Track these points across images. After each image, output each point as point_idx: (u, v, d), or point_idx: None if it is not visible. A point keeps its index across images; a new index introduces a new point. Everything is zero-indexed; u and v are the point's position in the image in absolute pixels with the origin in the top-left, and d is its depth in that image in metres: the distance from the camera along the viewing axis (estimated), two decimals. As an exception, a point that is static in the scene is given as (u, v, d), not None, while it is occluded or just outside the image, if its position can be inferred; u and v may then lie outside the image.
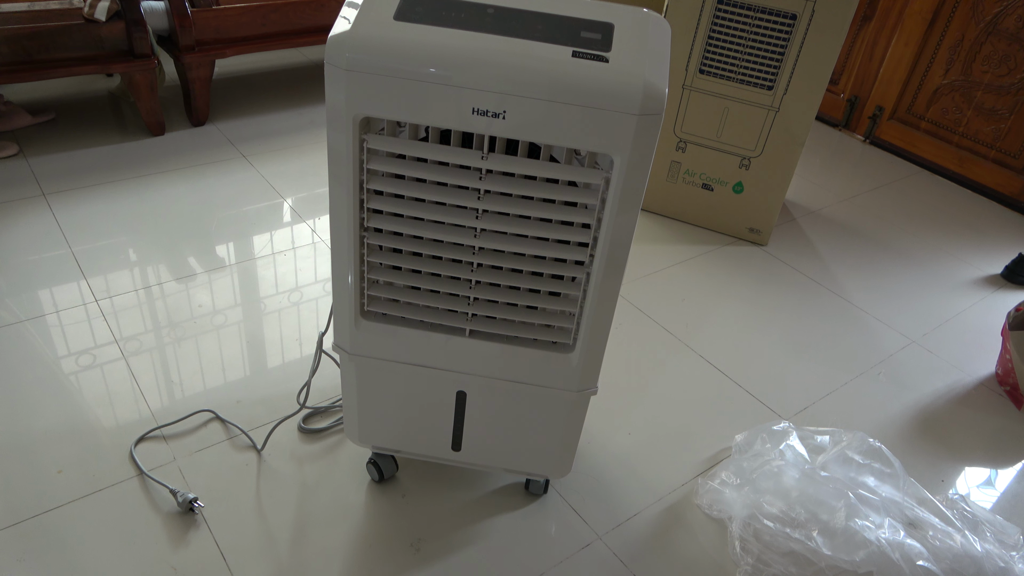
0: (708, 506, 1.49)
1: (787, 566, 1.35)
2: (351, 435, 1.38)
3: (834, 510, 1.38)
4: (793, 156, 2.24)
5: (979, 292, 2.32)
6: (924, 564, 1.32)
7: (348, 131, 0.98)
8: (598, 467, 1.57)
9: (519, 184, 1.03)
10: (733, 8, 2.07)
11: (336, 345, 1.23)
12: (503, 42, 0.94)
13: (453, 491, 1.48)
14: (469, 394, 1.26)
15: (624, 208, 1.01)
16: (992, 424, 1.82)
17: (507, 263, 1.10)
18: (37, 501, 1.38)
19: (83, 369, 1.66)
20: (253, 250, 2.10)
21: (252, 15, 2.60)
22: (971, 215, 2.77)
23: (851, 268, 2.35)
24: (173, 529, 1.35)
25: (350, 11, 0.96)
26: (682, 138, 2.33)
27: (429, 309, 1.17)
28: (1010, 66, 2.71)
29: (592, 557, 1.40)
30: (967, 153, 2.91)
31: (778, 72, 2.12)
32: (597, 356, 1.18)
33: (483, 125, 0.96)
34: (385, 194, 1.07)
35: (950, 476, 1.67)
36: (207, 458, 1.50)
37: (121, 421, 1.55)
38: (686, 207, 2.45)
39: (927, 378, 1.94)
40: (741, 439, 1.60)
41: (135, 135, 2.57)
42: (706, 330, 2.00)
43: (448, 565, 1.35)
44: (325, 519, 1.40)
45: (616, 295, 1.10)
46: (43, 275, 1.91)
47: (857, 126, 3.24)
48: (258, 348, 1.78)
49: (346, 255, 1.10)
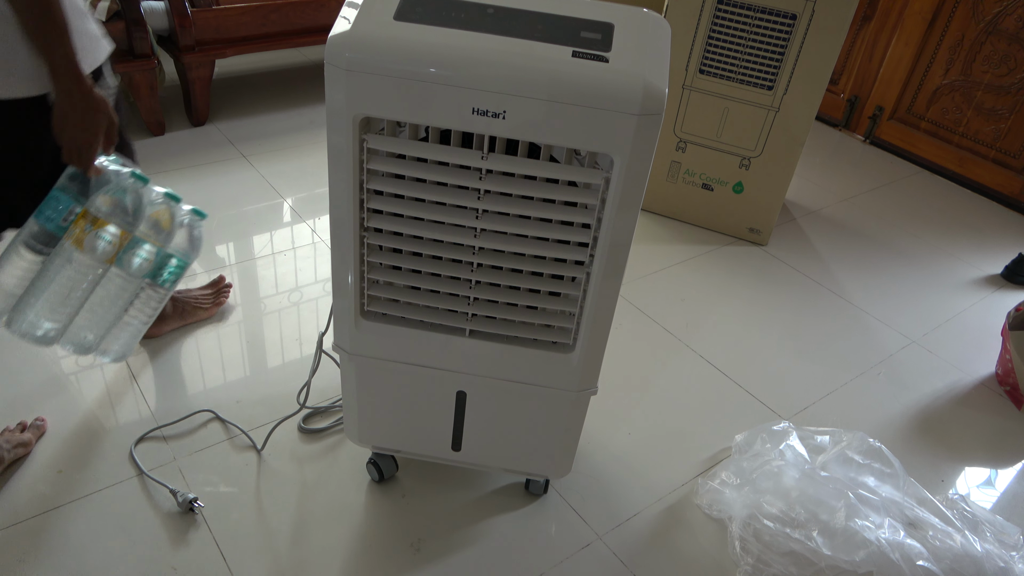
0: (708, 506, 1.49)
1: (787, 566, 1.35)
2: (351, 435, 1.38)
3: (834, 510, 1.38)
4: (793, 156, 2.24)
5: (979, 292, 2.32)
6: (924, 564, 1.32)
7: (348, 131, 0.98)
8: (598, 467, 1.57)
9: (519, 184, 1.03)
10: (733, 8, 2.07)
11: (336, 345, 1.23)
12: (503, 42, 0.94)
13: (453, 491, 1.48)
14: (469, 394, 1.26)
15: (624, 208, 1.01)
16: (992, 424, 1.82)
17: (507, 263, 1.10)
18: (37, 501, 1.38)
19: (83, 369, 1.66)
20: (253, 250, 2.10)
21: (252, 15, 2.60)
22: (971, 215, 2.77)
23: (851, 268, 2.35)
24: (173, 529, 1.35)
25: (350, 11, 0.96)
26: (682, 138, 2.33)
27: (429, 309, 1.17)
28: (1010, 66, 2.71)
29: (592, 557, 1.40)
30: (967, 153, 2.91)
31: (778, 72, 2.12)
32: (597, 356, 1.18)
33: (483, 125, 0.96)
34: (385, 194, 1.07)
35: (950, 476, 1.67)
36: (207, 458, 1.50)
37: (121, 421, 1.55)
38: (686, 207, 2.45)
39: (927, 378, 1.94)
40: (741, 439, 1.60)
41: (135, 135, 2.57)
42: (706, 330, 2.00)
43: (448, 565, 1.35)
44: (325, 519, 1.40)
45: (616, 295, 1.10)
46: (43, 275, 1.91)
47: (857, 126, 3.24)
48: (258, 348, 1.78)
49: (346, 255, 1.10)
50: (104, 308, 1.30)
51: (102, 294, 1.28)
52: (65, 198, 1.22)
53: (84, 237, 1.21)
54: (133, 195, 1.25)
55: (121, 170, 1.27)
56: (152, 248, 1.29)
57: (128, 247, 1.26)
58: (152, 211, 1.28)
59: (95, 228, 1.22)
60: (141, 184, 1.26)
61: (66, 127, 1.16)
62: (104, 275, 1.26)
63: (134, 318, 1.35)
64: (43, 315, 1.25)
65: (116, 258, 1.25)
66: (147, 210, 1.27)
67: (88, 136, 1.17)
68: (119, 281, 1.28)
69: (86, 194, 1.23)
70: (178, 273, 1.36)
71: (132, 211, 1.25)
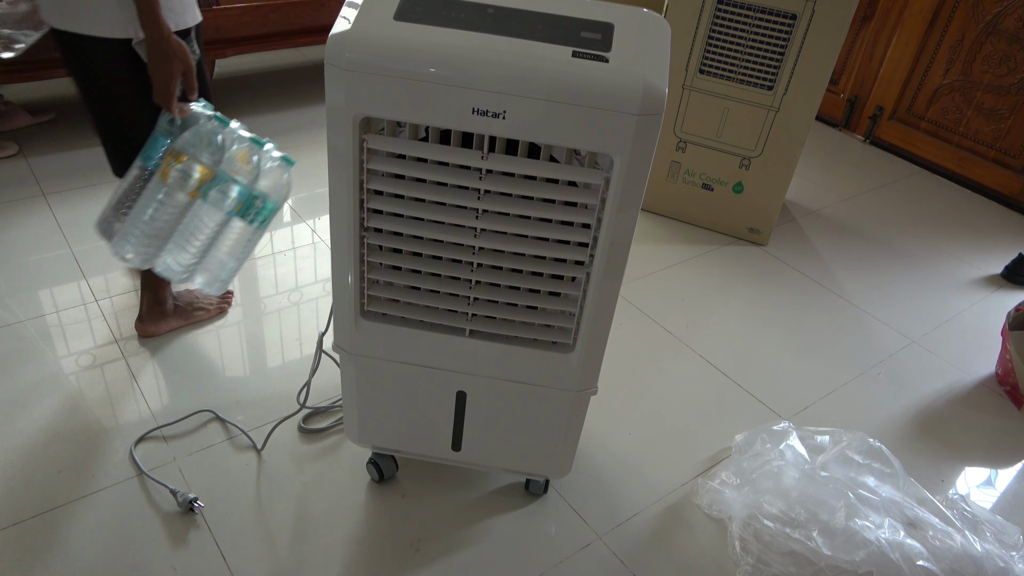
0: (708, 506, 1.49)
1: (787, 566, 1.35)
2: (351, 435, 1.38)
3: (834, 510, 1.38)
4: (793, 156, 2.24)
5: (979, 292, 2.32)
6: (924, 564, 1.33)
7: (348, 131, 0.98)
8: (598, 467, 1.57)
9: (519, 184, 1.03)
10: (733, 8, 2.07)
11: (336, 345, 1.23)
12: (503, 42, 0.94)
13: (453, 491, 1.48)
14: (469, 394, 1.26)
15: (624, 208, 1.01)
16: (992, 424, 1.82)
17: (507, 263, 1.10)
18: (37, 501, 1.38)
19: (83, 369, 1.66)
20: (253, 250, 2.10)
21: (252, 15, 2.60)
22: (971, 215, 2.77)
23: (851, 268, 2.35)
24: (173, 529, 1.35)
25: (350, 11, 0.96)
26: (682, 138, 2.33)
27: (429, 309, 1.17)
28: (1010, 66, 2.71)
29: (592, 557, 1.40)
30: (967, 153, 2.91)
31: (778, 72, 2.12)
32: (597, 356, 1.18)
33: (483, 125, 0.96)
34: (385, 194, 1.07)
35: (950, 476, 1.67)
36: (207, 458, 1.50)
37: (121, 421, 1.55)
38: (686, 207, 2.45)
39: (927, 378, 1.94)
40: (741, 439, 1.60)
41: (135, 135, 2.57)
42: (706, 330, 2.00)
43: (448, 565, 1.35)
44: (325, 519, 1.40)
45: (616, 295, 1.10)
46: (43, 275, 1.91)
47: (857, 126, 3.24)
48: (258, 348, 1.78)
49: (346, 255, 1.10)
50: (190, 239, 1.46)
51: (188, 225, 1.45)
52: (161, 138, 1.42)
53: (168, 171, 1.41)
54: (211, 134, 1.42)
55: (205, 113, 1.45)
56: (235, 186, 1.43)
57: (212, 183, 1.42)
58: (234, 151, 1.44)
59: (177, 163, 1.41)
60: (221, 126, 1.44)
61: (152, 69, 1.38)
62: (189, 208, 1.43)
63: (226, 254, 1.51)
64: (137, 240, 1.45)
65: (201, 193, 1.42)
66: (228, 150, 1.43)
67: (167, 77, 1.38)
68: (202, 214, 1.44)
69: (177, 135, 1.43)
70: (266, 215, 1.48)
71: (211, 149, 1.42)
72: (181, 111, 1.42)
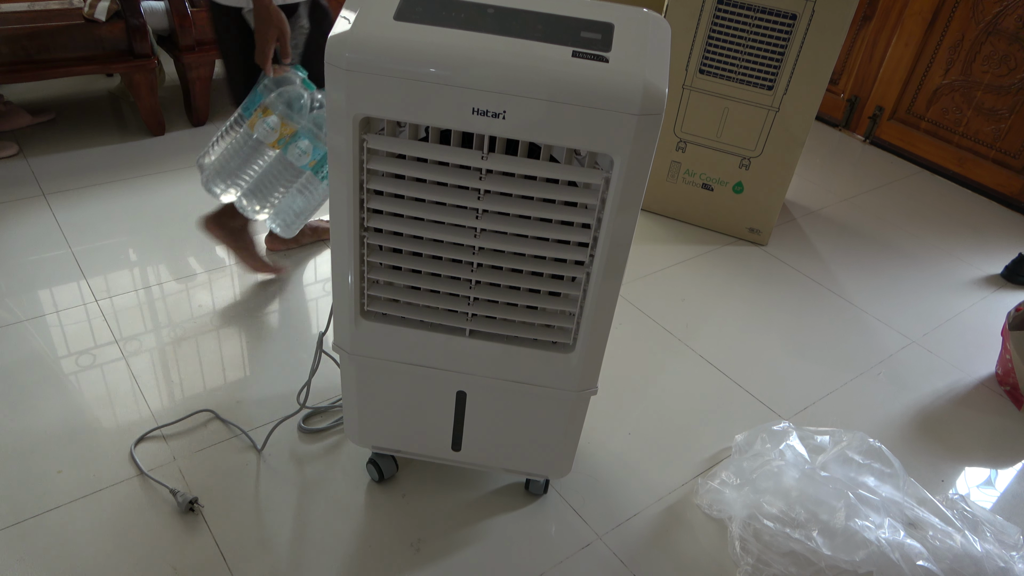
0: (708, 506, 1.49)
1: (787, 566, 1.35)
2: (351, 435, 1.38)
3: (834, 510, 1.38)
4: (793, 156, 2.24)
5: (979, 292, 2.32)
6: (924, 564, 1.33)
7: (348, 131, 0.98)
8: (598, 467, 1.57)
9: (519, 184, 1.03)
10: (733, 8, 2.07)
11: (336, 345, 1.23)
12: (503, 42, 0.94)
13: (453, 491, 1.48)
14: (469, 394, 1.26)
15: (624, 208, 1.01)
16: (992, 424, 1.82)
17: (507, 263, 1.10)
18: (37, 501, 1.38)
19: (83, 369, 1.66)
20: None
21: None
22: (971, 215, 2.77)
23: (851, 268, 2.35)
24: (173, 529, 1.35)
25: (350, 11, 0.96)
26: (682, 138, 2.33)
27: (429, 309, 1.17)
28: (1010, 66, 2.71)
29: (592, 557, 1.40)
30: (967, 153, 2.91)
31: (778, 72, 2.12)
32: (597, 356, 1.18)
33: (483, 125, 0.96)
34: (385, 194, 1.07)
35: (950, 476, 1.67)
36: (207, 458, 1.50)
37: (121, 421, 1.55)
38: (686, 207, 2.45)
39: (927, 378, 1.94)
40: (741, 439, 1.60)
41: (135, 135, 2.57)
42: (706, 330, 2.00)
43: (448, 565, 1.35)
44: (325, 519, 1.40)
45: (616, 295, 1.10)
46: (43, 275, 1.91)
47: (857, 126, 3.24)
48: (258, 348, 1.78)
49: (346, 255, 1.10)
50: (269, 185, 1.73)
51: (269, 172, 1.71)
52: (259, 94, 1.67)
53: (256, 122, 1.65)
54: (295, 95, 1.65)
55: (296, 75, 1.68)
56: (311, 144, 1.67)
57: (292, 139, 1.66)
58: (316, 113, 1.67)
59: (263, 116, 1.64)
60: (307, 90, 1.68)
61: (256, 33, 1.59)
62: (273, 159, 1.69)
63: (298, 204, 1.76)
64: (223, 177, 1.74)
65: (281, 145, 1.66)
66: (309, 110, 1.66)
67: (264, 40, 1.59)
68: (280, 165, 1.70)
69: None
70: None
71: (293, 107, 1.65)
72: (275, 71, 1.64)
